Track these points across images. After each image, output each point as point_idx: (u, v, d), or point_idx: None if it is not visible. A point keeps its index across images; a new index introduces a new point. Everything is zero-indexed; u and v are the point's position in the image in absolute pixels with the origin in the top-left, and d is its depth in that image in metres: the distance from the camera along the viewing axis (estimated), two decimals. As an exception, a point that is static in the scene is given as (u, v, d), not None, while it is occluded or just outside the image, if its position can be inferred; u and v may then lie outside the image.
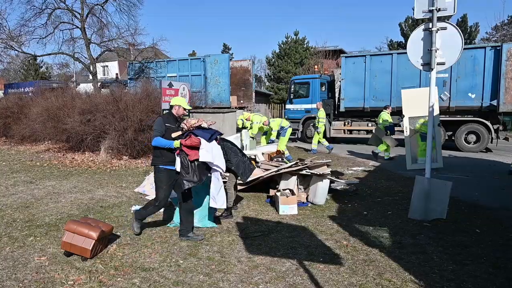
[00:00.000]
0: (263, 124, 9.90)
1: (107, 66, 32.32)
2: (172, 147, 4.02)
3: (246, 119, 10.21)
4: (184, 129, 4.17)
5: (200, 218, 4.58)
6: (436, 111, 6.23)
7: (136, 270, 3.36)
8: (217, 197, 4.10)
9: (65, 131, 10.14)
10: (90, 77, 19.63)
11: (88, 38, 17.43)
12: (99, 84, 18.39)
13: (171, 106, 4.30)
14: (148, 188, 6.27)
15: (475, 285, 3.08)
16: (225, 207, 4.67)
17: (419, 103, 7.35)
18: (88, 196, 6.06)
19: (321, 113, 11.27)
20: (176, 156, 4.06)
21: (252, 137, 9.07)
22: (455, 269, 3.38)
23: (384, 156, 9.95)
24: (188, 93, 9.28)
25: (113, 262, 3.53)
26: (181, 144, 3.99)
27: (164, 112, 8.46)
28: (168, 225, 4.60)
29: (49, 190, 6.48)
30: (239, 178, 5.04)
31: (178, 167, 4.05)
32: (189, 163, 3.95)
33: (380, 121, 10.10)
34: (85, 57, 17.96)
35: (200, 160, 3.96)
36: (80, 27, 17.33)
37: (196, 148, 3.97)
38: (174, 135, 4.09)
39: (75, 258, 3.61)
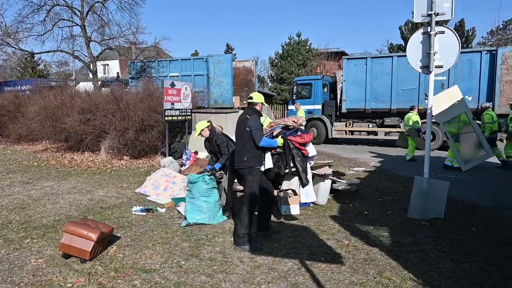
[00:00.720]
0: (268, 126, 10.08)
1: (107, 64, 32.20)
2: (276, 145, 3.92)
3: None
4: (290, 127, 4.27)
5: (211, 216, 4.66)
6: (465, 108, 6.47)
7: (136, 272, 3.36)
8: (309, 192, 4.39)
9: (64, 130, 10.08)
10: (90, 75, 19.53)
11: (89, 36, 17.32)
12: (99, 83, 18.34)
13: (254, 103, 3.89)
14: (149, 188, 6.29)
15: (471, 282, 3.16)
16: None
17: (447, 106, 7.63)
18: (88, 197, 6.04)
19: (300, 113, 11.70)
20: (264, 154, 3.89)
21: None
22: (452, 266, 3.45)
23: (406, 157, 10.01)
24: (191, 93, 9.31)
25: (113, 264, 3.51)
26: (289, 141, 4.02)
27: (166, 111, 8.49)
28: (183, 224, 4.61)
29: (46, 191, 6.44)
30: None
31: (269, 165, 3.92)
32: (304, 159, 4.08)
33: (411, 123, 9.91)
34: (85, 55, 17.86)
35: (310, 155, 4.10)
36: (80, 24, 17.20)
37: (304, 144, 4.02)
38: (276, 132, 4.17)
39: (74, 260, 3.57)
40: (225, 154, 4.89)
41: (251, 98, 4.00)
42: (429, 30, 4.83)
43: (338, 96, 14.54)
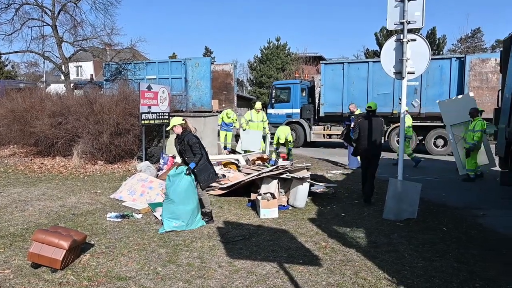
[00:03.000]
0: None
1: (81, 66, 31.23)
2: None
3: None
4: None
5: (188, 223, 4.57)
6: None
7: (111, 280, 3.27)
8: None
9: (33, 134, 9.66)
10: (62, 77, 18.86)
11: (60, 36, 16.74)
12: (71, 85, 17.73)
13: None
14: (125, 194, 6.12)
15: (441, 279, 3.29)
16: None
17: (457, 111, 8.13)
18: (59, 204, 5.81)
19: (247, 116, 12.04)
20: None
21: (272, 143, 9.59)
22: (424, 265, 3.58)
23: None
24: (168, 96, 9.17)
25: (86, 273, 3.40)
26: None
27: (143, 115, 8.31)
28: (160, 231, 4.50)
29: (14, 198, 6.15)
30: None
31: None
32: None
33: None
34: (57, 56, 17.23)
35: None
36: (51, 24, 16.60)
37: None
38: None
39: (44, 269, 3.44)
40: (198, 154, 4.68)
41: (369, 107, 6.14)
42: (401, 37, 5.03)
43: (316, 100, 14.79)
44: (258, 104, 10.70)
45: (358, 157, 7.05)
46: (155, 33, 68.97)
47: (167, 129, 5.41)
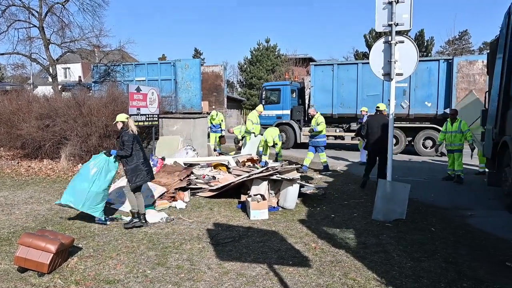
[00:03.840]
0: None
1: (69, 68, 30.82)
2: None
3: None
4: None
5: (85, 204, 4.69)
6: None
7: (99, 284, 3.23)
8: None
9: (20, 137, 9.51)
10: (50, 79, 18.55)
11: (47, 38, 16.49)
12: (59, 87, 17.47)
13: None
14: (113, 196, 6.03)
15: (430, 279, 3.32)
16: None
17: (469, 110, 8.47)
18: (46, 207, 5.72)
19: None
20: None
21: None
22: (412, 265, 3.61)
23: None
24: (158, 98, 9.09)
25: (73, 276, 3.36)
26: None
27: (132, 117, 8.21)
28: (55, 202, 4.72)
29: (0, 202, 6.05)
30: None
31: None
32: None
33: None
34: (44, 58, 16.97)
35: None
36: (38, 26, 16.35)
37: None
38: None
39: (31, 274, 3.39)
40: (125, 151, 4.72)
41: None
42: (390, 39, 5.08)
43: (306, 101, 14.85)
44: (260, 107, 10.71)
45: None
46: (144, 35, 68.56)
47: (113, 123, 5.43)
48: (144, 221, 4.81)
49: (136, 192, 4.86)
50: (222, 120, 12.09)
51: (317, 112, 9.45)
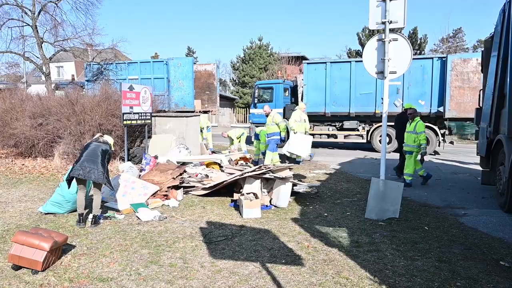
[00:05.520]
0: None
1: (62, 66, 30.58)
2: None
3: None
4: None
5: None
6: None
7: (93, 281, 3.23)
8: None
9: (13, 135, 9.45)
10: (43, 78, 18.40)
11: (41, 37, 16.38)
12: (53, 85, 17.32)
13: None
14: (107, 195, 6.00)
15: (423, 278, 3.32)
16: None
17: None
18: (40, 205, 5.65)
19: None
20: None
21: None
22: (406, 264, 3.62)
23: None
24: (150, 96, 9.04)
25: (67, 274, 3.37)
26: None
27: (125, 115, 8.17)
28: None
29: (-6, 199, 6.00)
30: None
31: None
32: None
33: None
34: (37, 57, 16.84)
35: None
36: (31, 24, 16.23)
37: None
38: None
39: (25, 271, 3.40)
40: None
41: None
42: (383, 37, 5.07)
43: (299, 100, 14.86)
44: (302, 104, 10.73)
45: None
46: (137, 33, 68.25)
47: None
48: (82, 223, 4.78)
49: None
50: (207, 121, 12.23)
51: (272, 110, 9.44)
